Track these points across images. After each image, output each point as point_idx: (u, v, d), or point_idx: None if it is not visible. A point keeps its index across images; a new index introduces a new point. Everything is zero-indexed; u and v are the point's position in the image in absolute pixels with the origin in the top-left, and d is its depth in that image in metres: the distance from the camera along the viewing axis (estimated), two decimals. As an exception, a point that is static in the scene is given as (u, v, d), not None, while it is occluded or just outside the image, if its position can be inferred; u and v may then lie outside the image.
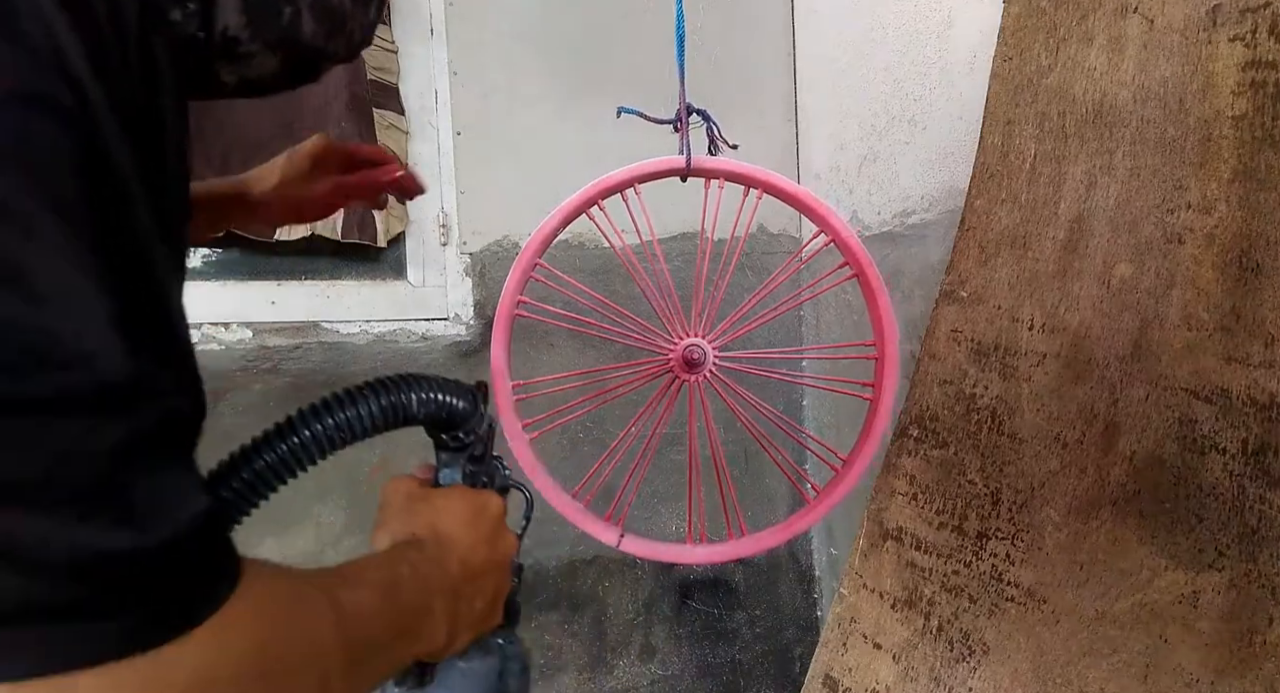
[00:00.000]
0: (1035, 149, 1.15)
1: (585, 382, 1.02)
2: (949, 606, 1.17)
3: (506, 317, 0.96)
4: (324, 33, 0.54)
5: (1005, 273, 1.17)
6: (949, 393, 1.21)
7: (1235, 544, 0.90)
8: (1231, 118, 0.93)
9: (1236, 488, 0.90)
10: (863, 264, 0.92)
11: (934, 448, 1.22)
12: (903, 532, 1.25)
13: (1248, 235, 0.91)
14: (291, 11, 0.51)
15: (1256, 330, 0.90)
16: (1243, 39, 0.92)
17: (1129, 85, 1.04)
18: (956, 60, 1.41)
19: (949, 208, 1.43)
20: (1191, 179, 0.97)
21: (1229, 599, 0.90)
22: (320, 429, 0.54)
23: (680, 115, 0.92)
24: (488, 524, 0.61)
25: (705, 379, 0.94)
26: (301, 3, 0.51)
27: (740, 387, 0.96)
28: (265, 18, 0.49)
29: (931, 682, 1.16)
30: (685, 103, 0.92)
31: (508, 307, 0.96)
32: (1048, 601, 1.06)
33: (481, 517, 0.61)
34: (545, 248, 0.99)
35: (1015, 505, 1.12)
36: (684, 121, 0.92)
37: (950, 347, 1.22)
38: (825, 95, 1.85)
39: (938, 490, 1.21)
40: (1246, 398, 0.90)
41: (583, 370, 1.05)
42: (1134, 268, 1.02)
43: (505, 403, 0.95)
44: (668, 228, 1.75)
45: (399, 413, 0.58)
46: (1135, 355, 1.01)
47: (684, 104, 0.92)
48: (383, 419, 0.57)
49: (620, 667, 1.80)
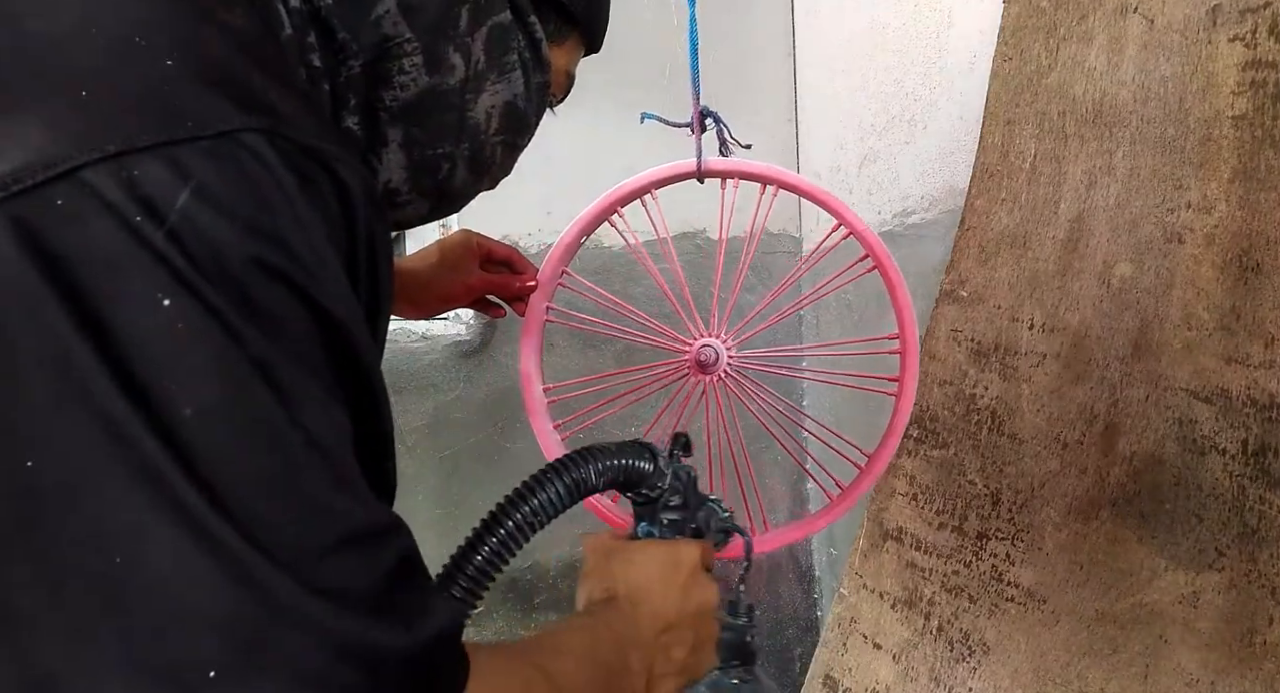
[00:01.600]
0: (1035, 149, 1.15)
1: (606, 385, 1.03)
2: (949, 606, 1.17)
3: (536, 324, 0.97)
4: (473, 180, 0.60)
5: (1005, 273, 1.17)
6: (949, 393, 1.21)
7: (1235, 544, 0.90)
8: (1231, 118, 0.93)
9: (1236, 488, 0.90)
10: (881, 257, 0.92)
11: (934, 448, 1.22)
12: (903, 532, 1.25)
13: (1248, 235, 0.91)
14: (449, 168, 0.57)
15: (1256, 330, 0.90)
16: (1243, 39, 0.92)
17: (1129, 85, 1.04)
18: (956, 60, 1.42)
19: (949, 208, 1.43)
20: (1191, 179, 0.97)
21: (1229, 599, 0.90)
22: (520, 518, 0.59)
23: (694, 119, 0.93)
24: (683, 574, 0.63)
25: (720, 379, 0.95)
26: (458, 158, 0.57)
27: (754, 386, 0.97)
28: (425, 174, 0.56)
29: (931, 682, 1.16)
30: (699, 107, 0.92)
31: (537, 314, 0.97)
32: (1048, 601, 1.06)
33: (676, 568, 0.63)
34: (570, 255, 1.00)
35: (1015, 505, 1.12)
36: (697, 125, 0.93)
37: (950, 347, 1.22)
38: (825, 95, 1.85)
39: (938, 490, 1.21)
40: (1246, 398, 0.90)
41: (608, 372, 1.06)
42: (1134, 268, 1.02)
43: (535, 407, 0.97)
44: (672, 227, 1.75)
45: (582, 487, 0.62)
46: (1135, 355, 1.01)
47: (698, 108, 0.92)
48: (569, 497, 0.61)
49: (620, 667, 1.80)
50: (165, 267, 0.33)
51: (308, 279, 0.36)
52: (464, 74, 0.54)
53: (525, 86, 0.59)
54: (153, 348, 0.32)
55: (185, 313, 0.33)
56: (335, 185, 0.39)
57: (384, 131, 0.52)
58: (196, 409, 0.33)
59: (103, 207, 0.32)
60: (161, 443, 0.32)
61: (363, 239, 0.41)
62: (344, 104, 0.50)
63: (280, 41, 0.45)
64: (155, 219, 0.33)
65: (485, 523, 0.60)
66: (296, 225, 0.36)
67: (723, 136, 0.94)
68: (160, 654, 0.32)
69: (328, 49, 0.49)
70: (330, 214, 0.39)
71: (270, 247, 0.35)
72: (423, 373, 1.66)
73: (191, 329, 0.33)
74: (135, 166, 0.33)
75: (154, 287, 0.33)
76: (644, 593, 0.61)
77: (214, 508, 0.32)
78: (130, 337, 0.32)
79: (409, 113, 0.53)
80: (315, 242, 0.37)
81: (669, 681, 0.60)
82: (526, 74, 0.58)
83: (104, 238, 0.32)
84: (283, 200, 0.36)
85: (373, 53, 0.50)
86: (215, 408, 0.33)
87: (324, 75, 0.48)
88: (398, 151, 0.54)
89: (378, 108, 0.52)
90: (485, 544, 0.58)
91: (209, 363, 0.33)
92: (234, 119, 0.36)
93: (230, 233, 0.34)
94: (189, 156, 0.34)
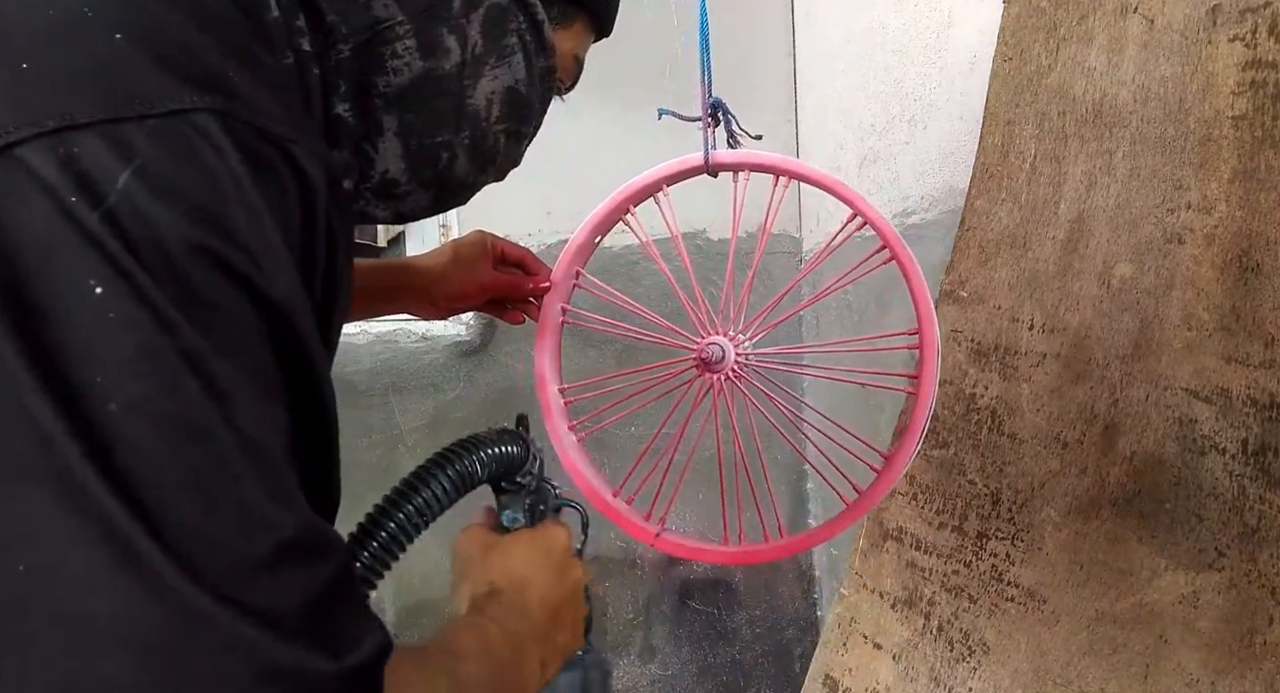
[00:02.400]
0: (1035, 149, 1.15)
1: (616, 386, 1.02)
2: (949, 606, 1.17)
3: (551, 325, 0.96)
4: (475, 170, 0.58)
5: (1005, 273, 1.17)
6: (949, 393, 1.21)
7: (1235, 544, 0.90)
8: (1231, 118, 0.93)
9: (1236, 488, 0.90)
10: (897, 248, 0.88)
11: (934, 448, 1.22)
12: (903, 532, 1.25)
13: (1248, 235, 0.91)
14: (448, 156, 0.55)
15: (1256, 330, 0.90)
16: (1243, 39, 0.92)
17: (1129, 85, 1.04)
18: (956, 60, 1.41)
19: (949, 208, 1.42)
20: (1191, 179, 0.97)
21: (1229, 599, 0.90)
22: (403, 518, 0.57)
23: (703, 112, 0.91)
24: (557, 558, 0.64)
25: (727, 378, 0.93)
26: (458, 147, 0.55)
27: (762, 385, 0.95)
28: (424, 163, 0.54)
29: (931, 682, 1.16)
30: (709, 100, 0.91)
31: (551, 315, 0.96)
32: (1048, 601, 1.06)
33: (550, 553, 0.64)
34: (584, 255, 0.99)
35: (1015, 505, 1.12)
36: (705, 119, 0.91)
37: (950, 347, 1.22)
38: (825, 95, 1.85)
39: (938, 490, 1.21)
40: (1246, 398, 0.90)
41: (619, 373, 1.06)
42: (1134, 268, 1.02)
43: (550, 408, 0.96)
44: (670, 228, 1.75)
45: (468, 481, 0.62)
46: (1135, 355, 1.01)
47: (706, 102, 0.91)
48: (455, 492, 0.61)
49: (620, 667, 1.80)
50: (98, 250, 0.31)
51: (253, 269, 0.34)
52: (460, 58, 0.52)
53: (527, 71, 0.56)
54: (81, 338, 0.31)
55: (116, 300, 0.31)
56: (295, 173, 0.38)
57: (379, 119, 0.50)
58: (121, 405, 0.31)
59: (37, 185, 0.31)
60: (82, 443, 0.30)
61: (321, 231, 0.39)
62: (334, 89, 0.48)
63: (264, 23, 0.43)
64: (91, 200, 0.31)
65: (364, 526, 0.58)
66: (245, 212, 0.34)
67: (731, 128, 0.92)
68: (70, 673, 0.30)
69: (317, 32, 0.47)
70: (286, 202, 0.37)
71: (214, 233, 0.33)
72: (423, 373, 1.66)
73: (121, 318, 0.31)
74: (75, 144, 0.32)
75: (85, 272, 0.31)
76: (527, 583, 0.61)
77: (134, 517, 0.30)
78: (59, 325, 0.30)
79: (404, 99, 0.51)
80: (264, 230, 0.35)
81: (554, 666, 0.61)
82: (528, 58, 0.56)
83: (38, 219, 0.31)
84: (231, 185, 0.34)
85: (363, 36, 0.48)
86: (141, 403, 0.31)
87: (314, 59, 0.46)
88: (394, 140, 0.52)
89: (372, 94, 0.50)
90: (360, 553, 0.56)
91: (137, 355, 0.31)
92: (185, 97, 0.34)
93: (172, 217, 0.32)
94: (133, 135, 0.32)
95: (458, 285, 0.92)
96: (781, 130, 1.95)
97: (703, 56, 0.89)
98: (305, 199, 0.38)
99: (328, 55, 0.47)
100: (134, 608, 0.30)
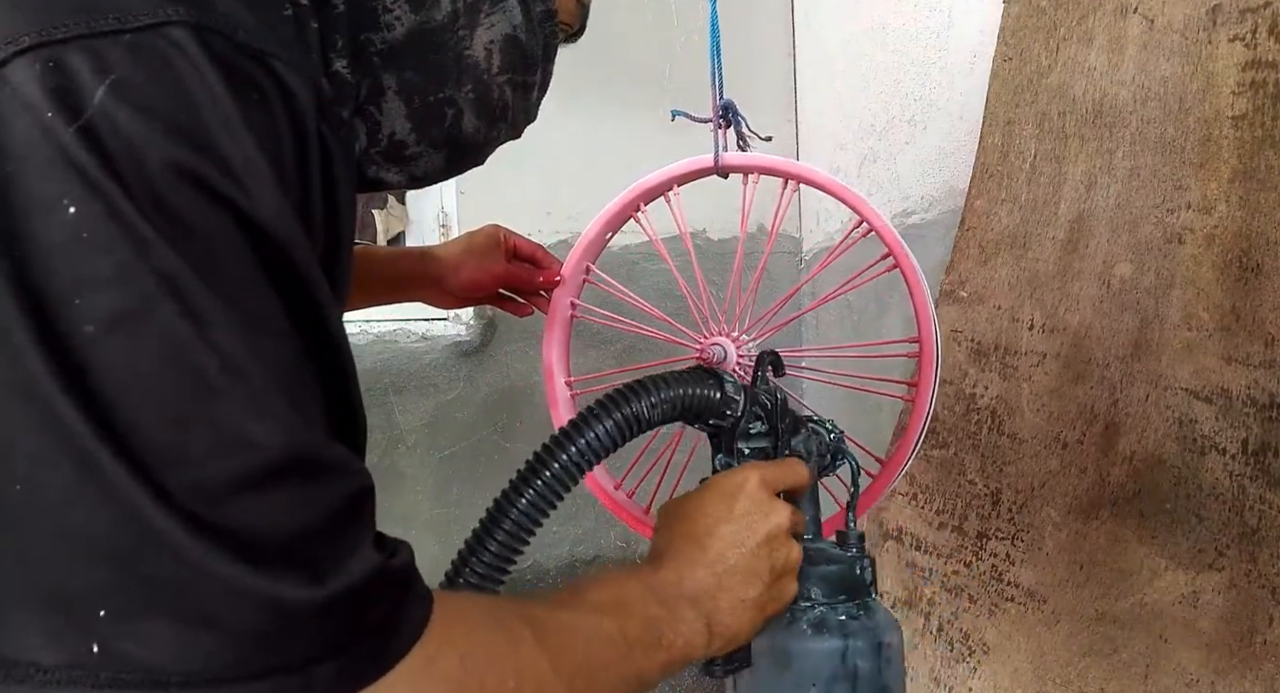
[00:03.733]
0: (1035, 149, 1.15)
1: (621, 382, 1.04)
2: (949, 606, 1.17)
3: (560, 318, 0.98)
4: (485, 126, 0.55)
5: (1005, 273, 1.17)
6: (949, 393, 1.21)
7: (1235, 544, 0.90)
8: (1231, 118, 0.93)
9: (1236, 488, 0.90)
10: (900, 256, 0.88)
11: (934, 448, 1.22)
12: (903, 532, 1.25)
13: (1248, 235, 0.91)
14: (454, 113, 0.53)
15: (1256, 330, 0.90)
16: (1243, 39, 0.92)
17: (1129, 85, 1.04)
18: (956, 60, 1.41)
19: (949, 208, 1.42)
20: (1191, 179, 0.97)
21: (1229, 599, 0.90)
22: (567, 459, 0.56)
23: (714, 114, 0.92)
24: (739, 504, 0.58)
25: None
26: (463, 102, 0.53)
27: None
28: (430, 121, 0.52)
29: (931, 682, 1.16)
30: (720, 102, 0.91)
31: (561, 308, 0.98)
32: (1048, 601, 1.06)
33: (729, 500, 0.59)
34: (594, 252, 1.00)
35: (1015, 505, 1.12)
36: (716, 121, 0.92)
37: (950, 347, 1.22)
38: (825, 95, 1.85)
39: (938, 490, 1.21)
40: (1246, 398, 0.90)
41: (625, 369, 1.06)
42: (1134, 268, 1.02)
43: (557, 399, 0.97)
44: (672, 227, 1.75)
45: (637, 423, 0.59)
46: (1135, 355, 1.01)
47: (717, 104, 0.91)
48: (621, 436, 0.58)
49: (620, 667, 1.80)
50: (72, 168, 0.31)
51: (237, 191, 0.33)
52: (452, 7, 0.50)
53: (525, 16, 0.54)
54: (57, 258, 0.30)
55: (90, 220, 0.31)
56: (280, 91, 0.36)
57: (379, 78, 0.49)
58: (96, 326, 0.31)
59: (18, 103, 0.31)
60: (55, 364, 0.30)
61: (315, 154, 0.38)
62: (331, 45, 0.46)
63: None
64: (68, 116, 0.31)
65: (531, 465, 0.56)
66: (226, 131, 0.34)
67: (740, 130, 0.93)
68: (53, 584, 0.31)
69: None
70: (274, 123, 0.36)
71: (194, 152, 0.33)
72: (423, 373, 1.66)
73: (96, 237, 0.31)
74: (52, 59, 0.31)
75: (61, 190, 0.31)
76: (692, 540, 0.57)
77: (101, 436, 0.30)
78: (36, 245, 0.30)
79: (400, 55, 0.49)
80: (248, 150, 0.34)
81: (745, 619, 0.56)
82: (524, 2, 0.54)
83: (18, 136, 0.31)
84: (209, 101, 0.33)
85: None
86: (115, 324, 0.31)
87: (311, 13, 0.44)
88: (395, 99, 0.50)
89: (370, 52, 0.48)
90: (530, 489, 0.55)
91: (112, 274, 0.31)
92: (160, 11, 0.33)
93: (149, 134, 0.32)
94: (109, 50, 0.32)
95: (471, 275, 0.94)
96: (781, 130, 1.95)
97: (714, 59, 0.89)
98: (294, 120, 0.37)
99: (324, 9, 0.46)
100: (106, 524, 0.31)
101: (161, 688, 0.31)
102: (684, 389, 0.60)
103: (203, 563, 0.31)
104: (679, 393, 0.60)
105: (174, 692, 0.31)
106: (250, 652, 0.32)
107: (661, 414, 0.60)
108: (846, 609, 0.61)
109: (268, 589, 0.32)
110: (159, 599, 0.31)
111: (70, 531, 0.31)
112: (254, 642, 0.32)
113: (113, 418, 0.31)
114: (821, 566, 0.62)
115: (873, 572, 0.64)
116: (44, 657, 0.31)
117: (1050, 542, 1.07)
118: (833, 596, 0.61)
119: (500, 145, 0.60)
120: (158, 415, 0.31)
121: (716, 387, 0.62)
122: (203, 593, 0.31)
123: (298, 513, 0.34)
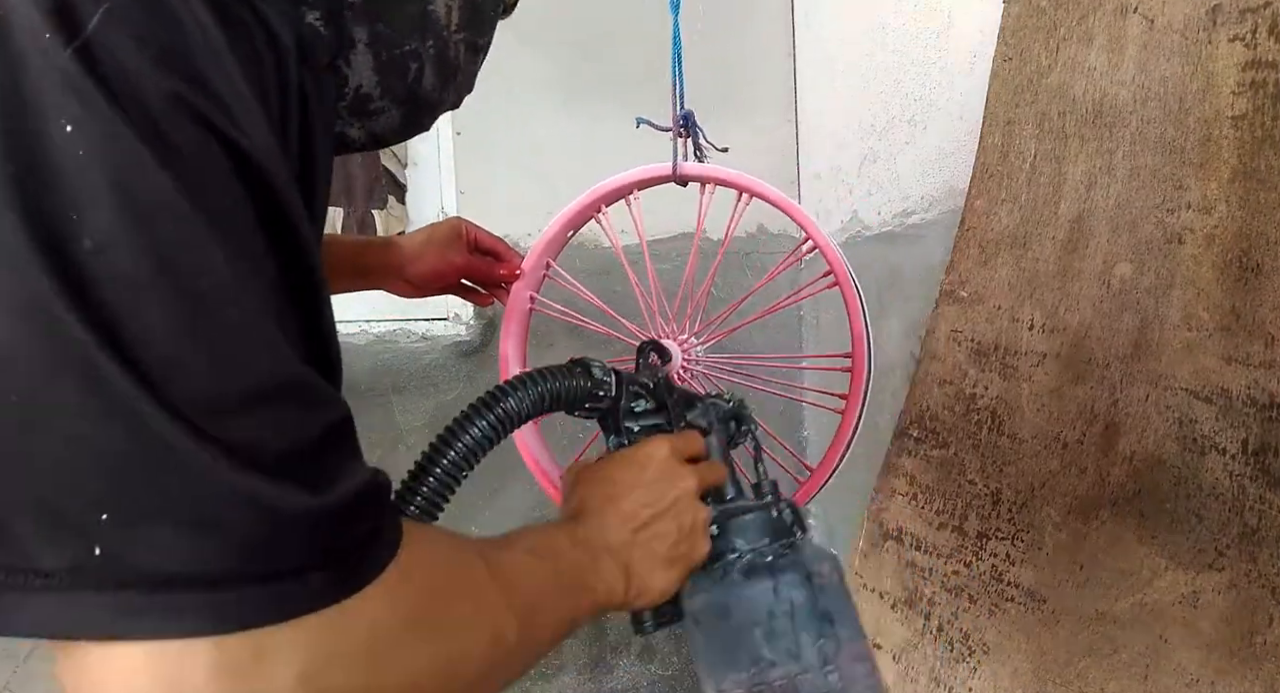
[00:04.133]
0: (1035, 149, 1.15)
1: None
2: (949, 606, 1.17)
3: (518, 311, 1.02)
4: (440, 85, 0.57)
5: (1005, 273, 1.17)
6: (949, 393, 1.21)
7: (1235, 544, 0.90)
8: (1231, 118, 0.93)
9: (1236, 488, 0.90)
10: (840, 275, 0.93)
11: (934, 448, 1.22)
12: (903, 532, 1.25)
13: (1248, 235, 0.91)
14: (417, 67, 0.54)
15: (1256, 330, 0.90)
16: (1243, 39, 0.92)
17: (1129, 85, 1.04)
18: (956, 60, 1.41)
19: (949, 208, 1.42)
20: (1191, 179, 0.97)
21: (1229, 599, 0.90)
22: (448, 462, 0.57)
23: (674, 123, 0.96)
24: (650, 470, 0.64)
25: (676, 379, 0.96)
26: (425, 57, 0.54)
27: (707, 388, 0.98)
28: (395, 75, 0.53)
29: (931, 682, 1.16)
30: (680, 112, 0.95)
31: (520, 301, 1.02)
32: (1048, 601, 1.06)
33: (641, 467, 0.64)
34: (555, 249, 1.04)
35: (1015, 505, 1.12)
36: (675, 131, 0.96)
37: (950, 347, 1.22)
38: (825, 95, 1.85)
39: (938, 491, 1.21)
40: (1246, 398, 0.90)
41: None
42: (1134, 268, 1.02)
43: None
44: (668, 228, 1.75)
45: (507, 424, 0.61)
46: (1135, 355, 1.01)
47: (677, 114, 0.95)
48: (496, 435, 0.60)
49: (620, 667, 1.80)
50: (69, 87, 0.32)
51: (228, 123, 0.34)
52: None
53: None
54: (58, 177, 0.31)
55: (88, 137, 0.32)
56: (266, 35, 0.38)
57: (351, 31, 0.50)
58: (96, 242, 0.31)
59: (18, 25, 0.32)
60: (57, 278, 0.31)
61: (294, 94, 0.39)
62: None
63: None
64: (66, 37, 0.32)
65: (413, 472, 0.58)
66: (215, 63, 0.35)
67: (698, 140, 0.97)
68: (55, 492, 0.32)
69: None
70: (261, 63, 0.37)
71: (187, 82, 0.34)
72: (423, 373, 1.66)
73: (93, 155, 0.32)
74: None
75: (57, 110, 0.31)
76: (609, 501, 0.62)
77: (105, 346, 0.31)
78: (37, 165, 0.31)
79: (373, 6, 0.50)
80: (237, 86, 0.35)
81: (658, 574, 0.61)
82: None
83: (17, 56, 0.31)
84: (198, 33, 0.34)
85: None
86: (116, 241, 0.32)
87: None
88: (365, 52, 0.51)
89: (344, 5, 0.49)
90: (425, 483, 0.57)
91: (110, 193, 0.32)
92: None
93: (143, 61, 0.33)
94: None
95: (432, 265, 0.98)
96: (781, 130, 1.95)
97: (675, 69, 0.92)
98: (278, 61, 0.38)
99: None
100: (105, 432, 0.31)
101: (164, 590, 0.32)
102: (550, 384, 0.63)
103: (207, 469, 0.32)
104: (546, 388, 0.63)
105: (177, 594, 0.32)
106: (251, 557, 0.33)
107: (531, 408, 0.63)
108: (773, 550, 0.65)
109: (269, 497, 0.34)
110: (162, 505, 0.32)
111: (73, 438, 0.31)
112: (254, 547, 0.33)
113: (117, 330, 0.32)
114: (739, 517, 0.67)
115: (793, 513, 0.68)
116: (46, 562, 0.31)
117: (1050, 542, 1.07)
118: (757, 541, 0.66)
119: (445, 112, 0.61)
120: (159, 329, 0.32)
121: (584, 375, 0.66)
122: (206, 498, 0.32)
123: (293, 430, 0.35)
